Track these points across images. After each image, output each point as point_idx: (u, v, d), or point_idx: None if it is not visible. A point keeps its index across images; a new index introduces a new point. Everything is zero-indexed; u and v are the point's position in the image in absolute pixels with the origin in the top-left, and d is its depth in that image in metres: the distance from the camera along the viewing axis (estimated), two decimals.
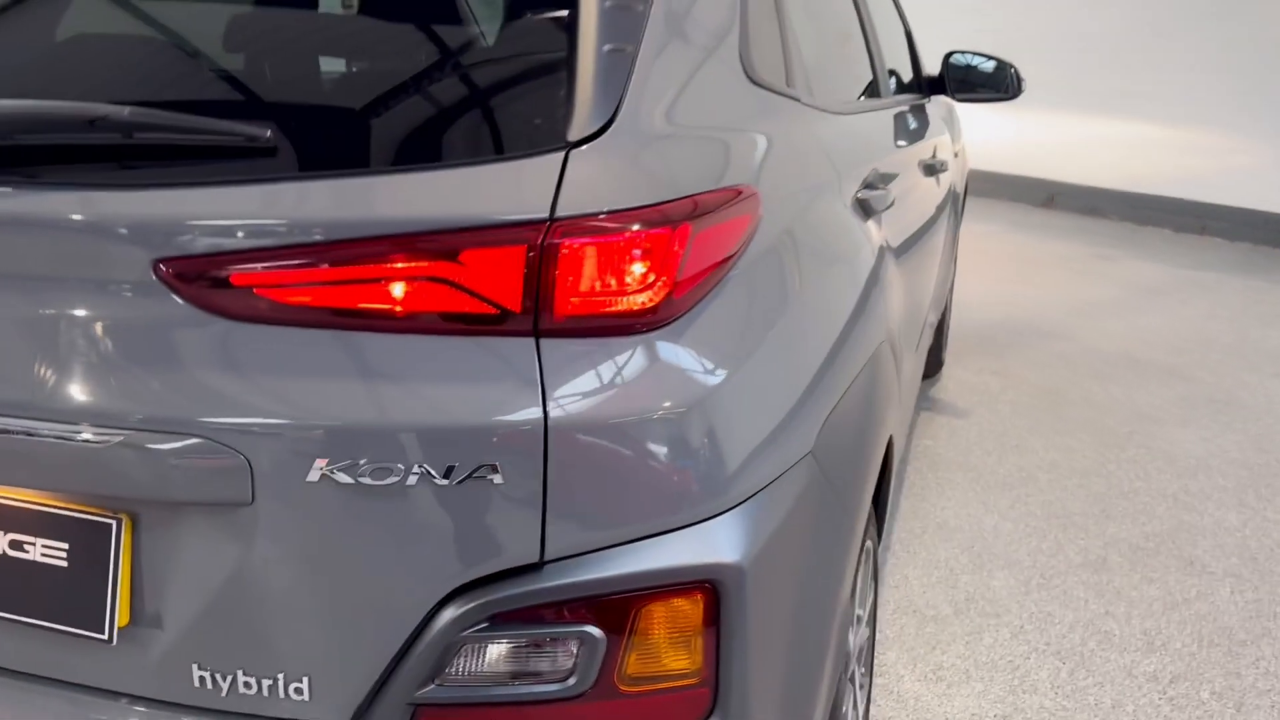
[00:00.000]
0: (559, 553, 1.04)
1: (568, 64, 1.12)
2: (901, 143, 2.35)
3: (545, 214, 1.02)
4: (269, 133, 1.08)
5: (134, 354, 1.05)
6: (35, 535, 1.10)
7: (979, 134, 8.57)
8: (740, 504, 1.10)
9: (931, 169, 2.64)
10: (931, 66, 3.37)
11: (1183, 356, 4.71)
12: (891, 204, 1.86)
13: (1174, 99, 7.52)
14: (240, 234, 1.03)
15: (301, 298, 1.03)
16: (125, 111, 1.07)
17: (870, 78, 2.35)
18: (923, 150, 2.61)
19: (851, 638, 1.56)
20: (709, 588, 1.07)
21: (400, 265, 1.01)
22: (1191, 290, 5.95)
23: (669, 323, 1.07)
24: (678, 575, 1.06)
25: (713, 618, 1.08)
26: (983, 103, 3.37)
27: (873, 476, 1.48)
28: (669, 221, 1.07)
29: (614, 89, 1.12)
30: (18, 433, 1.05)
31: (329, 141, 1.14)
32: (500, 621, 1.05)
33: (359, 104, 1.20)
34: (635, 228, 1.05)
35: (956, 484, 3.35)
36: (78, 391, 1.05)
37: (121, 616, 1.09)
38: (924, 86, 3.27)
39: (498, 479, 1.01)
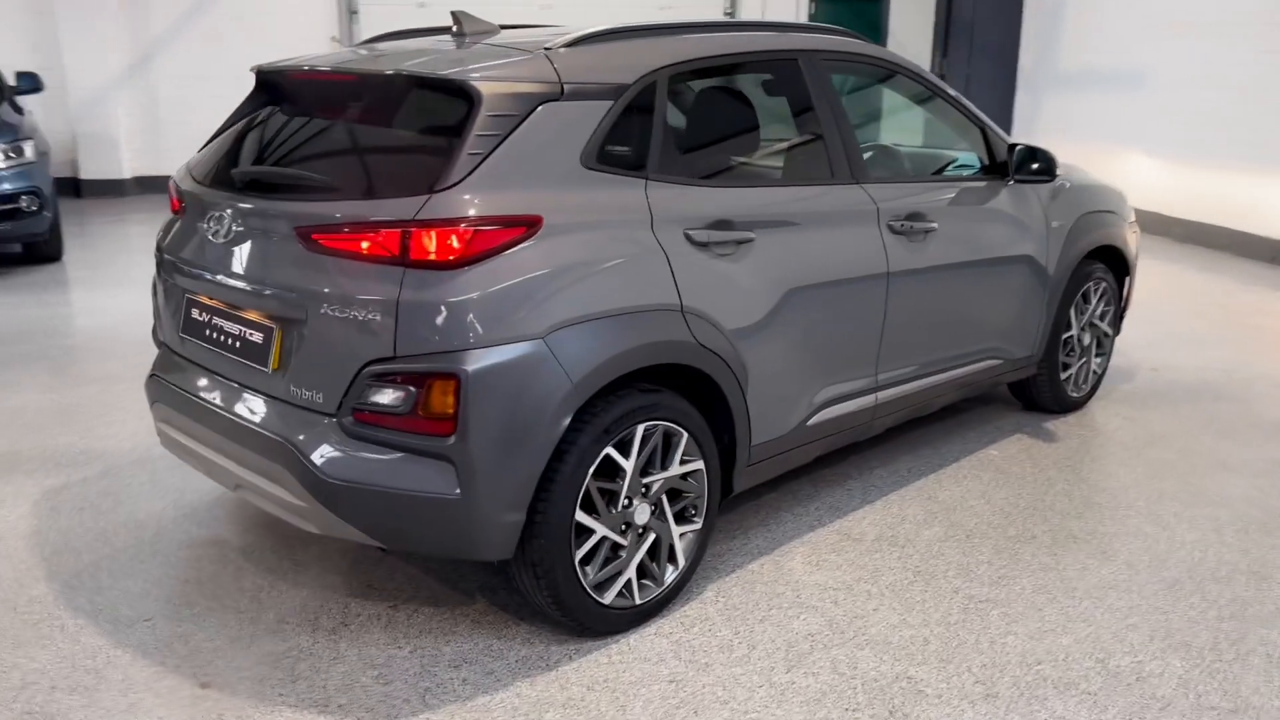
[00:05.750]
0: (401, 353, 2.63)
1: (449, 156, 2.71)
2: (820, 208, 3.53)
3: (411, 218, 2.62)
4: (333, 179, 2.83)
5: (278, 260, 2.83)
6: (250, 329, 2.92)
7: (1222, 196, 9.04)
8: (480, 348, 2.61)
9: (898, 231, 3.73)
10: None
11: None
12: (744, 240, 3.17)
13: None
14: (320, 218, 2.75)
15: (331, 243, 2.72)
16: (290, 171, 2.91)
17: (816, 164, 3.58)
18: (892, 217, 3.73)
19: (649, 477, 2.93)
20: (456, 379, 2.60)
21: (364, 234, 2.67)
22: None
23: (458, 267, 2.62)
24: (444, 370, 2.61)
25: (458, 392, 2.60)
26: (1033, 182, 4.32)
27: (606, 373, 2.81)
28: (462, 225, 2.62)
29: (465, 169, 2.68)
30: (248, 290, 2.87)
31: (347, 184, 2.86)
32: (378, 379, 2.66)
33: (358, 170, 2.95)
34: (444, 227, 2.61)
35: (980, 479, 4.25)
36: (260, 272, 2.85)
37: (274, 363, 2.86)
38: (997, 170, 4.30)
39: (378, 320, 2.63)
